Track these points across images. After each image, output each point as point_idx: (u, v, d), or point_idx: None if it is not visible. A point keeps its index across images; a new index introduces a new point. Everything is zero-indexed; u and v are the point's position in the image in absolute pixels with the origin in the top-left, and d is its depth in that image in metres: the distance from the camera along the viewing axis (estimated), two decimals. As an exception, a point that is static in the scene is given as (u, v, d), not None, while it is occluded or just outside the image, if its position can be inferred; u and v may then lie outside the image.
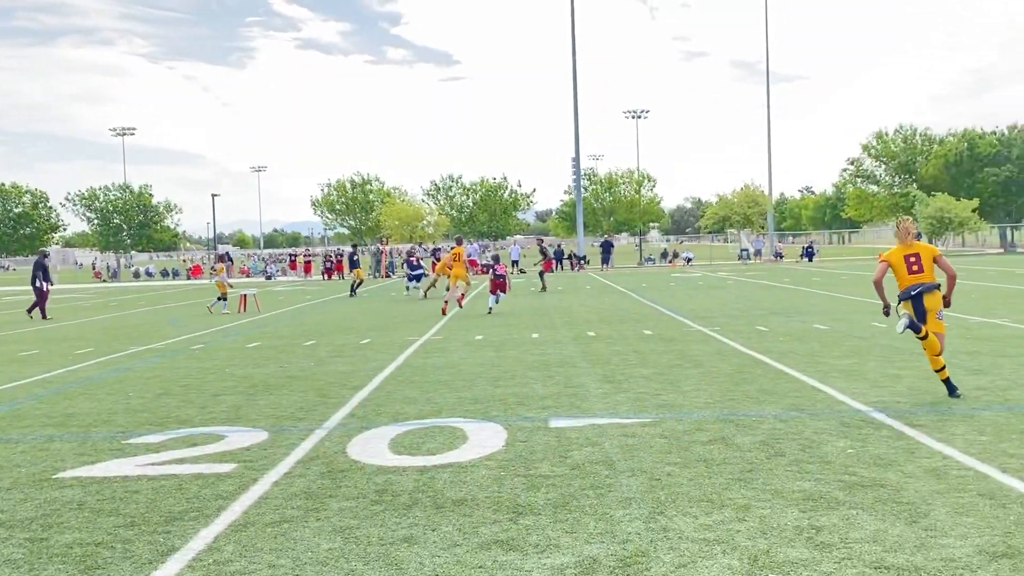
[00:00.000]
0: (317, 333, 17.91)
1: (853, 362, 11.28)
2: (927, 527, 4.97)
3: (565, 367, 11.72)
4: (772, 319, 17.49)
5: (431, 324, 19.02)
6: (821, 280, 32.50)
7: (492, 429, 7.93)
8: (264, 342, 16.49)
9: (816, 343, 13.36)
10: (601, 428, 7.81)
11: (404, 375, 11.51)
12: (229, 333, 18.79)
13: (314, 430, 8.18)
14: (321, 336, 17.22)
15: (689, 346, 13.54)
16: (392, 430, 8.05)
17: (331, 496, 5.99)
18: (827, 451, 6.72)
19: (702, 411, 8.43)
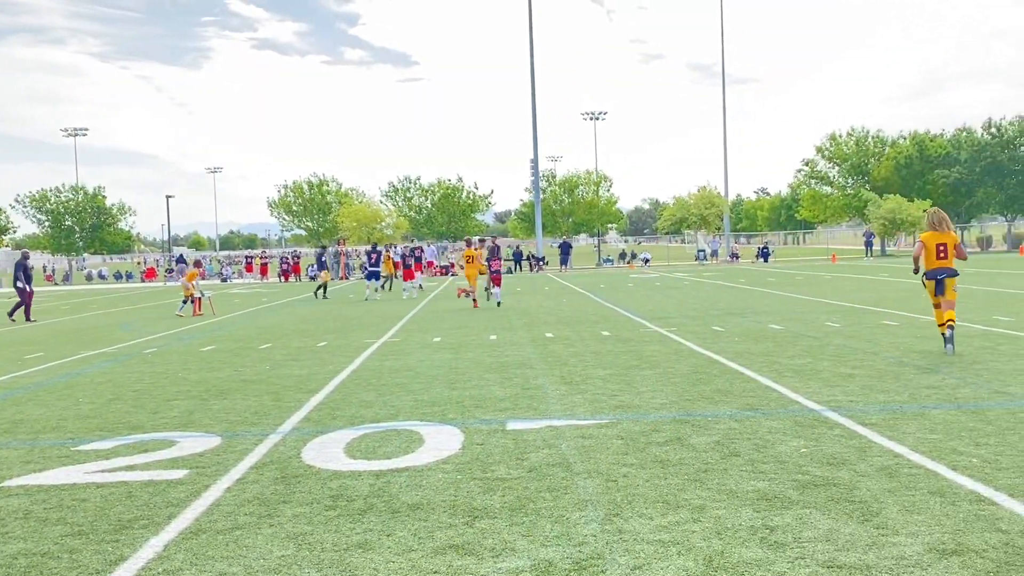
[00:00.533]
0: (273, 336, 17.72)
1: (807, 362, 11.40)
2: (879, 525, 5.02)
3: (523, 369, 11.71)
4: (728, 319, 17.64)
5: (389, 326, 18.91)
6: (776, 280, 32.86)
7: (449, 432, 7.89)
8: (219, 346, 16.28)
9: (771, 343, 13.48)
10: (558, 430, 7.80)
11: (361, 378, 11.42)
12: (183, 337, 18.52)
13: (268, 435, 8.08)
14: (277, 339, 17.04)
15: (646, 347, 13.60)
16: (348, 434, 7.97)
17: (284, 502, 5.91)
18: (781, 451, 6.77)
19: (658, 412, 8.46)
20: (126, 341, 17.92)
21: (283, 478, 6.52)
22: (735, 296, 24.85)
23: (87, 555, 5.05)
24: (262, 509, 5.79)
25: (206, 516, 5.69)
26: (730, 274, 41.00)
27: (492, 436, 7.65)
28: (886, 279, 30.83)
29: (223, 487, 6.34)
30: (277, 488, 6.25)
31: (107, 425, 8.87)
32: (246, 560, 4.85)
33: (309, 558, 4.83)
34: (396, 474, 6.50)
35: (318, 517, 5.56)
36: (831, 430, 7.43)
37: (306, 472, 6.67)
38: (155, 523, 5.59)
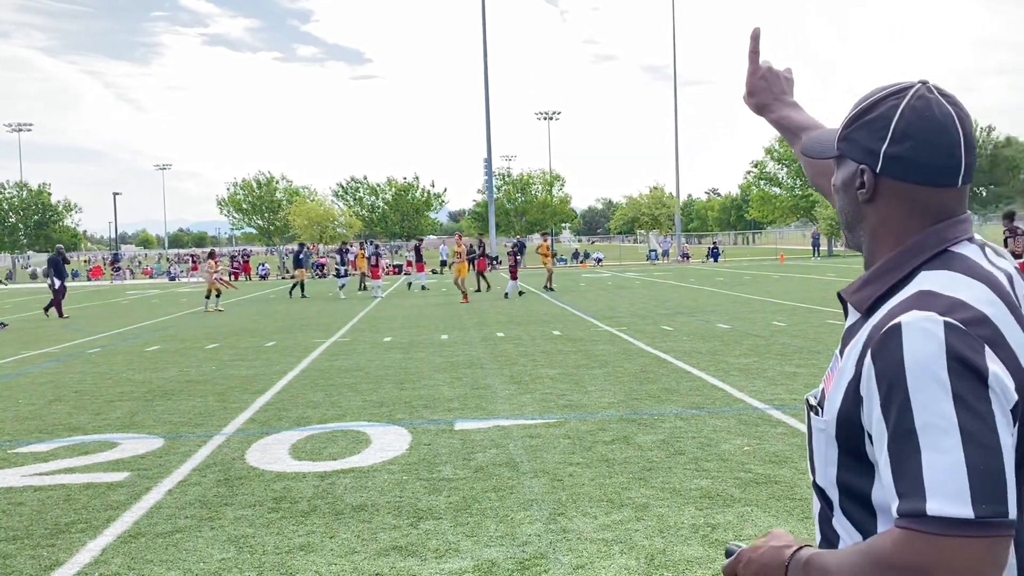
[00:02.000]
0: (220, 336, 17.50)
1: (752, 360, 11.54)
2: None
3: (473, 368, 11.70)
4: (677, 319, 17.79)
5: (339, 326, 18.78)
6: (725, 280, 33.22)
7: (396, 432, 7.86)
8: (164, 345, 16.03)
9: (718, 342, 13.62)
10: (506, 430, 7.80)
11: (309, 378, 11.33)
12: (128, 336, 18.21)
13: (212, 436, 7.97)
14: (224, 339, 16.83)
15: (596, 346, 13.66)
16: (294, 435, 7.90)
17: (227, 504, 5.84)
18: (725, 449, 6.84)
19: (606, 411, 8.51)
20: (70, 341, 17.56)
21: (226, 480, 6.44)
22: (685, 295, 25.06)
23: (22, 560, 4.94)
24: (203, 511, 5.70)
25: (146, 519, 5.59)
26: (681, 274, 41.37)
27: (440, 436, 7.63)
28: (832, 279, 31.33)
29: (164, 489, 6.24)
30: (220, 490, 6.17)
31: (46, 427, 8.68)
32: (185, 564, 4.77)
33: (250, 561, 4.78)
34: (341, 475, 6.45)
35: (260, 519, 5.49)
36: (774, 428, 7.53)
37: (250, 474, 6.59)
38: (93, 527, 5.48)
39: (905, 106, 1.36)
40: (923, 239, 1.36)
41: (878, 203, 1.39)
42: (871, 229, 1.42)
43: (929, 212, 1.36)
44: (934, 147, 1.33)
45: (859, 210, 1.43)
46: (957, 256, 1.34)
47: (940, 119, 1.34)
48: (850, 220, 1.46)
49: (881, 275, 1.38)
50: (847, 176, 1.44)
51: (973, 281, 1.29)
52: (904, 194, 1.37)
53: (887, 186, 1.38)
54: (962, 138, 1.34)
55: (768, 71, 1.86)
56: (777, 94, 1.86)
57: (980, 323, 1.23)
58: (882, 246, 1.41)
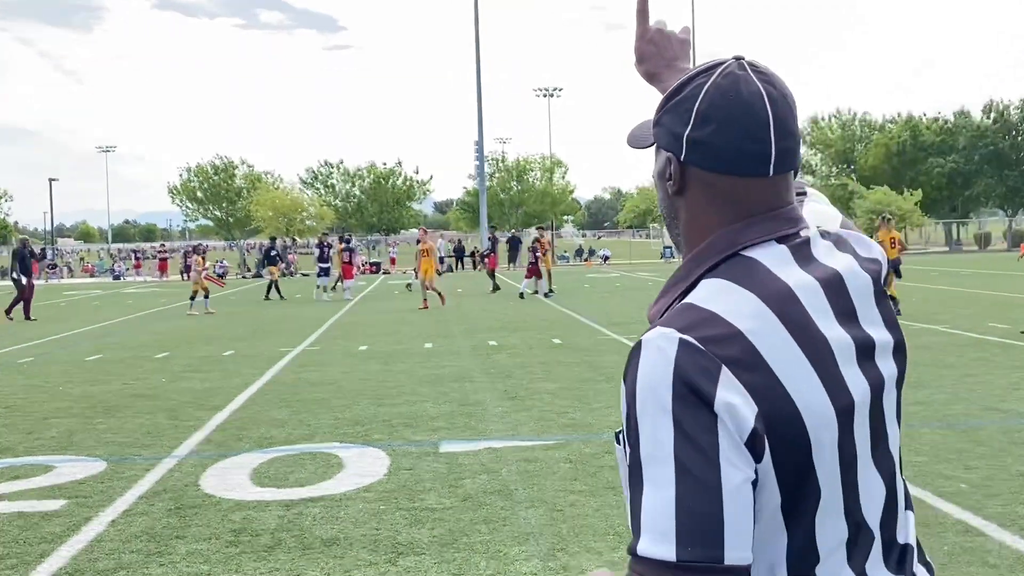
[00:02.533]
0: (172, 343, 17.50)
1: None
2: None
3: (461, 382, 11.73)
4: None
5: (308, 332, 18.80)
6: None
7: (373, 455, 7.88)
8: (107, 354, 16.03)
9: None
10: (499, 452, 7.83)
11: (273, 393, 11.34)
12: (65, 344, 18.21)
13: (162, 459, 7.98)
14: (176, 347, 16.83)
15: (602, 357, 13.70)
16: (256, 458, 7.91)
17: (179, 537, 5.85)
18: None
19: (614, 431, 8.49)
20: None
21: (178, 509, 6.45)
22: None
23: (-58, 601, 4.94)
24: (152, 545, 5.71)
25: (85, 554, 5.60)
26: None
27: (423, 460, 7.65)
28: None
29: (107, 520, 6.25)
30: (170, 521, 6.18)
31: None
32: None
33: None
34: (310, 504, 6.46)
35: (217, 555, 5.51)
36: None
37: (205, 502, 6.60)
38: (25, 562, 5.49)
39: (711, 85, 1.36)
40: (713, 241, 1.37)
41: (687, 197, 1.40)
42: (683, 227, 1.43)
43: (735, 206, 1.36)
44: (737, 130, 1.33)
45: (672, 205, 1.44)
46: (745, 261, 1.35)
47: (746, 98, 1.33)
48: (667, 217, 1.48)
49: (672, 285, 1.41)
50: (660, 167, 1.45)
51: (742, 291, 1.30)
52: (709, 185, 1.37)
53: (693, 176, 1.38)
54: (771, 119, 1.33)
55: (658, 33, 1.74)
56: (669, 60, 1.73)
57: (726, 340, 1.25)
58: (689, 247, 1.42)
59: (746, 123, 1.33)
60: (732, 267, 1.34)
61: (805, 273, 1.35)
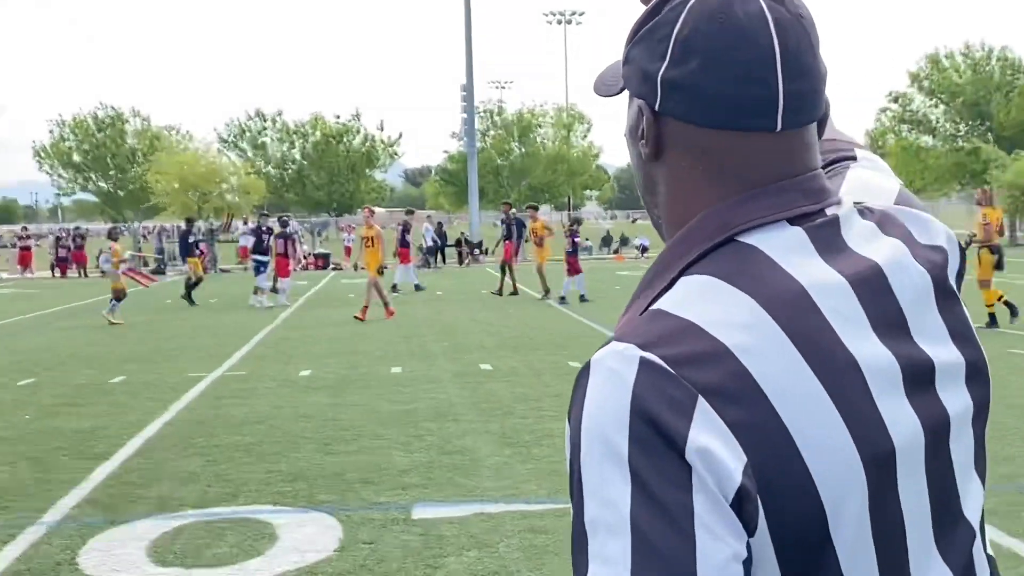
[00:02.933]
0: (39, 366, 17.51)
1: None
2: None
3: (441, 421, 11.74)
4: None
5: (227, 351, 18.80)
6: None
7: (319, 523, 7.88)
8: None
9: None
10: (494, 519, 7.83)
11: (180, 435, 11.35)
12: None
13: (25, 527, 7.98)
14: (46, 371, 16.85)
15: (639, 387, 13.67)
16: (156, 526, 7.92)
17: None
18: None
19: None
20: None
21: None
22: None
23: None
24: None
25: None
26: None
27: (388, 530, 7.65)
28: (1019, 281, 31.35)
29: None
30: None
31: None
32: None
33: None
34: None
35: (101, 662, 5.49)
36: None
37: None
38: None
39: (694, 4, 1.31)
40: (699, 223, 1.32)
41: (666, 161, 1.36)
42: (663, 204, 1.40)
43: (729, 174, 1.32)
44: (729, 66, 1.28)
45: (648, 174, 1.41)
46: (741, 250, 1.30)
47: (742, 20, 1.28)
48: (642, 190, 1.45)
49: (647, 284, 1.36)
50: (630, 121, 1.41)
51: (732, 292, 1.25)
52: (693, 145, 1.33)
53: (672, 133, 1.34)
54: (778, 50, 1.28)
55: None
56: None
57: (706, 361, 1.20)
58: (671, 231, 1.38)
59: (742, 56, 1.27)
60: (722, 258, 1.29)
61: (828, 267, 1.29)
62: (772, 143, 1.30)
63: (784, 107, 1.29)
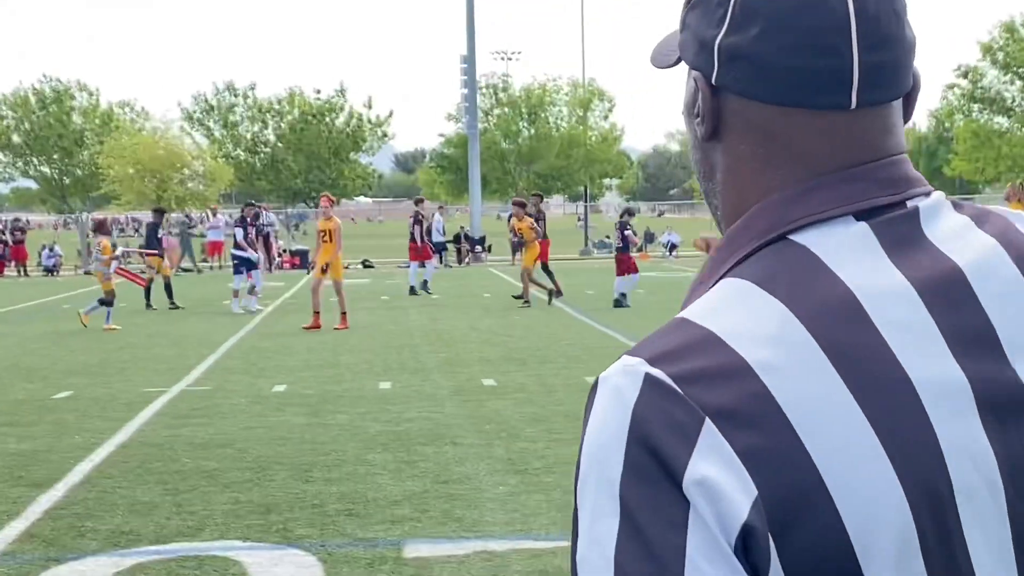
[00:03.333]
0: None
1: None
2: None
3: (437, 444, 11.75)
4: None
5: (190, 363, 18.81)
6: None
7: (296, 562, 7.90)
8: None
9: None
10: (499, 558, 7.83)
11: (134, 460, 11.36)
12: None
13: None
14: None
15: (666, 406, 13.69)
16: (107, 565, 7.93)
17: None
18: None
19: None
20: None
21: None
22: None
23: None
24: None
25: None
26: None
27: (376, 570, 7.67)
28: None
29: None
30: (-31, 665, 6.20)
31: None
32: None
33: None
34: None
35: None
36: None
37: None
38: None
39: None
40: (751, 218, 1.31)
41: (724, 143, 1.36)
42: (720, 191, 1.39)
43: (795, 159, 1.30)
44: (795, 32, 1.26)
45: (705, 156, 1.41)
46: (789, 251, 1.28)
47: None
48: (700, 176, 1.45)
49: (695, 286, 1.35)
50: (687, 96, 1.41)
51: (765, 298, 1.23)
52: (753, 125, 1.32)
53: (731, 109, 1.33)
54: (853, 16, 1.26)
55: None
56: None
57: (719, 378, 1.18)
58: (726, 224, 1.38)
59: (810, 22, 1.26)
60: (766, 259, 1.27)
61: (894, 269, 1.25)
62: (845, 123, 1.28)
63: (859, 81, 1.26)
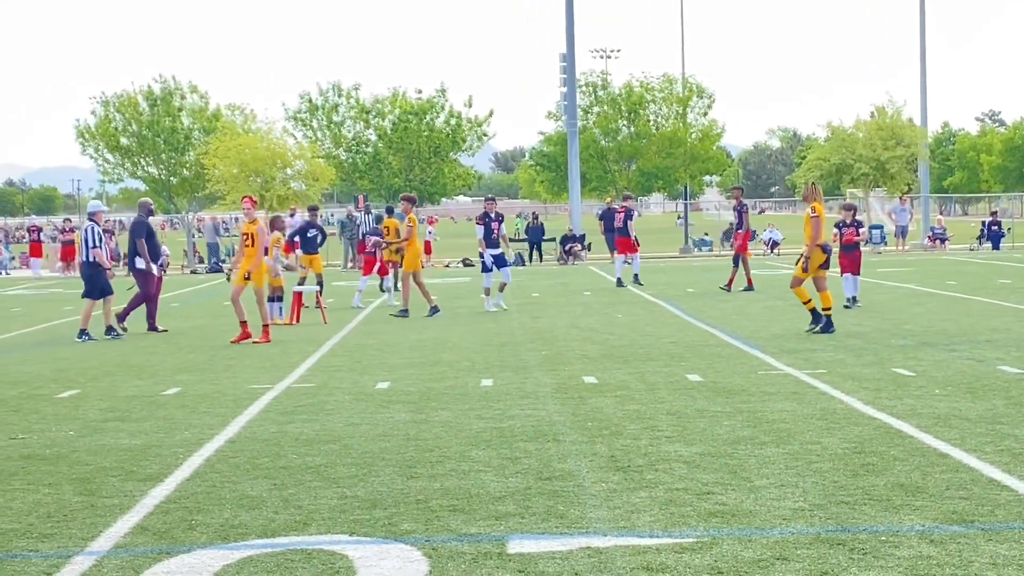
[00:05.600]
0: (83, 376, 17.76)
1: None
2: None
3: (540, 441, 11.74)
4: (923, 355, 17.61)
5: (295, 360, 18.93)
6: (1015, 283, 32.76)
7: (402, 556, 7.91)
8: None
9: (1000, 399, 13.47)
10: (604, 555, 7.81)
11: (242, 455, 11.45)
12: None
13: (71, 556, 8.09)
14: (91, 381, 17.09)
15: (769, 404, 13.62)
16: (217, 557, 7.98)
17: None
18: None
19: (789, 524, 8.47)
20: None
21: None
22: (937, 311, 24.82)
23: None
24: None
25: None
26: (930, 270, 40.93)
27: (481, 565, 7.66)
28: None
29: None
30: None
31: None
32: None
33: None
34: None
35: None
36: (1107, 562, 7.44)
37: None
38: None
39: None
40: None
41: None
42: None
43: None
44: None
45: None
46: None
47: None
48: None
49: None
50: None
51: None
52: None
53: None
54: None
55: None
56: None
57: None
58: None
59: None
60: None
61: None
62: None
63: None
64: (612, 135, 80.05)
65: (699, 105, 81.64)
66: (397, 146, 79.78)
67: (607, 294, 32.02)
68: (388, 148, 80.00)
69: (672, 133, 79.16)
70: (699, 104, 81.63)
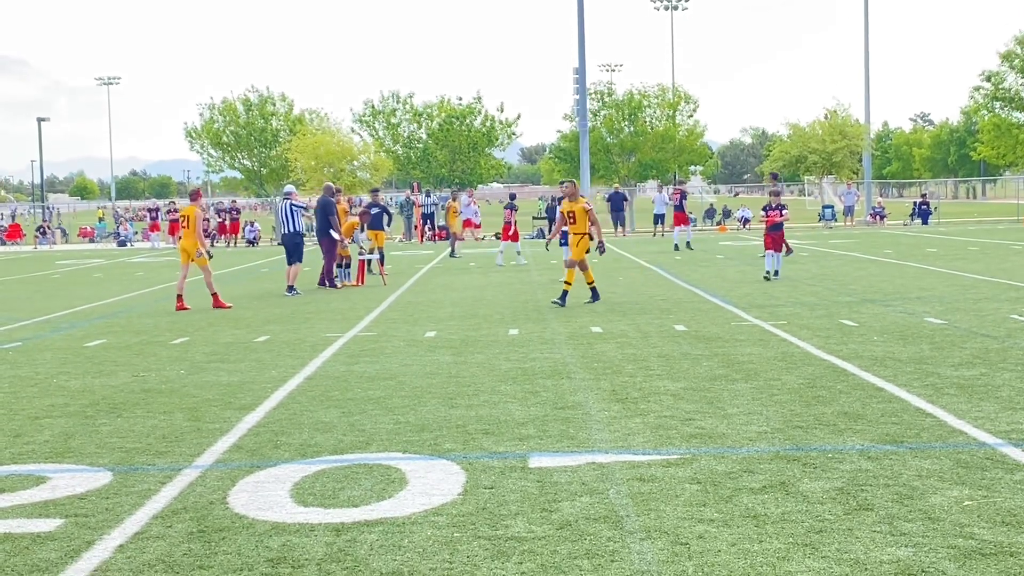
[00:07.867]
0: (191, 326, 17.89)
1: (979, 373, 11.38)
2: (1074, 614, 5.03)
3: (555, 378, 11.79)
4: (864, 309, 17.61)
5: (359, 314, 19.03)
6: (940, 251, 32.65)
7: (444, 470, 7.96)
8: (112, 339, 16.45)
9: (926, 344, 13.46)
10: (605, 468, 7.85)
11: (317, 389, 11.54)
12: (59, 326, 18.69)
13: (181, 469, 8.18)
14: (197, 331, 17.20)
15: (739, 348, 13.63)
16: (297, 470, 8.06)
17: (202, 567, 6.00)
18: (934, 503, 6.78)
19: (754, 444, 8.49)
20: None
21: (201, 532, 6.61)
22: (876, 274, 24.73)
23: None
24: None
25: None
26: (871, 241, 40.79)
27: (507, 476, 7.72)
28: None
29: (113, 544, 6.43)
30: (193, 547, 6.34)
31: (-53, 453, 8.99)
32: (144, 650, 4.93)
33: (235, 649, 4.91)
34: (366, 529, 6.57)
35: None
36: (1011, 474, 7.43)
37: (235, 524, 6.75)
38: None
39: None
40: None
41: None
42: None
43: None
44: None
45: None
46: None
47: None
48: None
49: None
50: None
51: None
52: None
53: None
54: None
55: None
56: None
57: None
58: None
59: None
60: None
61: None
62: None
63: None
64: (616, 133, 79.90)
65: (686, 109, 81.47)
66: (443, 143, 79.97)
67: (610, 261, 31.94)
68: (436, 144, 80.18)
69: (664, 131, 79.10)
70: (686, 108, 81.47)
